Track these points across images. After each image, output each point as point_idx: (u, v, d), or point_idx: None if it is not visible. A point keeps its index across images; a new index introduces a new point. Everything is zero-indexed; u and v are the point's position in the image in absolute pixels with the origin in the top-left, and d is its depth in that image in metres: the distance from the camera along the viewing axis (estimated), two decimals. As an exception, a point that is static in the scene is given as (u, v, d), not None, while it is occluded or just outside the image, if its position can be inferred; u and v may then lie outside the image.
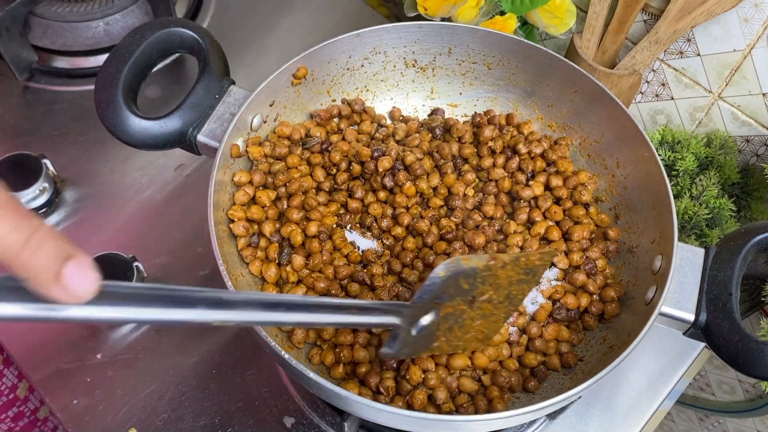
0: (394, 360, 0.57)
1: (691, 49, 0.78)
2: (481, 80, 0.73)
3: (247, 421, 0.69)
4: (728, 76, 0.77)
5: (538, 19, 0.82)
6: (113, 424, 0.68)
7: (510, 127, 0.70)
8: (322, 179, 0.65)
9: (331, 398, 0.53)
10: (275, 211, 0.63)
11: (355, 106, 0.71)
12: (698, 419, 1.07)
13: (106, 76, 0.61)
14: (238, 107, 0.62)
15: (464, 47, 0.71)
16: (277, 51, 1.00)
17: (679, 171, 0.77)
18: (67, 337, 0.73)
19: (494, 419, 0.50)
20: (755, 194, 0.80)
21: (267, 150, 0.64)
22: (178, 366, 0.72)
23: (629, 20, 0.78)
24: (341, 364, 0.58)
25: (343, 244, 0.63)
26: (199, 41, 0.64)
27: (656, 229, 0.61)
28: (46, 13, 0.92)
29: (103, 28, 0.93)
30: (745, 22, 0.72)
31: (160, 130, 0.61)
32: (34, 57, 0.93)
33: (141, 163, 0.87)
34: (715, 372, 1.00)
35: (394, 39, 0.70)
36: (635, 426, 0.72)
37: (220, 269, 0.55)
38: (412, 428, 0.53)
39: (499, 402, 0.57)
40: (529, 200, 0.66)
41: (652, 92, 0.85)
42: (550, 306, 0.62)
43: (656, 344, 0.76)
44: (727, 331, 0.52)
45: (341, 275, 0.61)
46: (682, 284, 0.55)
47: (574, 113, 0.70)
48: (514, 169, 0.67)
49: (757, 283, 0.81)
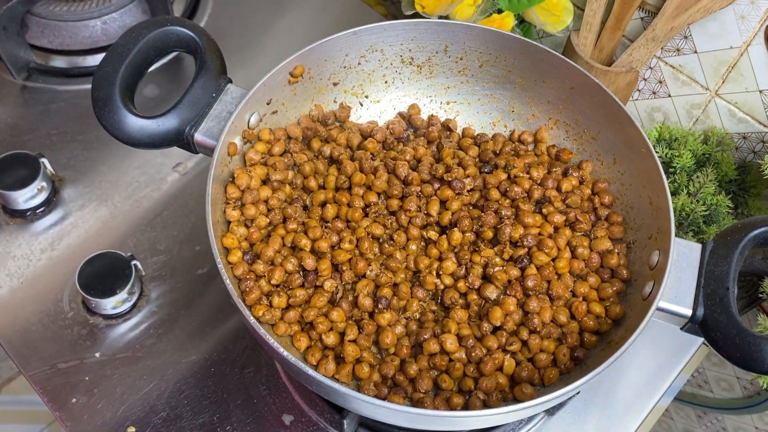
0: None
1: (688, 47, 0.79)
2: (477, 78, 0.73)
3: (245, 419, 0.69)
4: (725, 73, 0.77)
5: (535, 16, 0.82)
6: (112, 423, 0.68)
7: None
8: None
9: (330, 395, 0.54)
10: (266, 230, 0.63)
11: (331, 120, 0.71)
12: (696, 416, 1.07)
13: (103, 75, 0.61)
14: (235, 105, 0.62)
15: (461, 45, 0.71)
16: (274, 49, 1.00)
17: (676, 168, 0.77)
18: (66, 336, 0.73)
19: (492, 415, 0.51)
20: (752, 191, 0.80)
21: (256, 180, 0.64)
22: (176, 364, 0.72)
23: (626, 17, 0.78)
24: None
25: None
26: (196, 40, 0.64)
27: (653, 225, 0.61)
28: (44, 12, 0.92)
29: (101, 27, 0.93)
30: (741, 19, 0.73)
31: (157, 128, 0.61)
32: (31, 56, 0.93)
33: (139, 161, 0.87)
34: (713, 369, 1.00)
35: (391, 37, 0.70)
36: (633, 422, 0.72)
37: (219, 268, 0.55)
38: (410, 425, 0.53)
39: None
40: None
41: (649, 89, 0.85)
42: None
43: (654, 341, 0.76)
44: (724, 325, 0.52)
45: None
46: (679, 279, 0.55)
47: (571, 110, 0.70)
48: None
49: (754, 280, 0.81)
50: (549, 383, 0.58)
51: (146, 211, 0.83)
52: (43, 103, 0.91)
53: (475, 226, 0.64)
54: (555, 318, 0.60)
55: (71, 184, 0.84)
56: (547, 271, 0.61)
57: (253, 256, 0.61)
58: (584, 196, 0.66)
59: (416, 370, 0.58)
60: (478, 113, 0.75)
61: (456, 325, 0.59)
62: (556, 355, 0.59)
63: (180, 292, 0.77)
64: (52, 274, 0.78)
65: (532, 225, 0.63)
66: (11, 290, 0.76)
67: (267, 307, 0.59)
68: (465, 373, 0.58)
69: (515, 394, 0.58)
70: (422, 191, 0.65)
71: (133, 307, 0.75)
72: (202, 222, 0.56)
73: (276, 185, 0.65)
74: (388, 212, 0.65)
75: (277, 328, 0.59)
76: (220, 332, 0.75)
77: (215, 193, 0.60)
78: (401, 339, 0.60)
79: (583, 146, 0.70)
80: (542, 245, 0.62)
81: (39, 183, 0.80)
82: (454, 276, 0.62)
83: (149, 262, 0.78)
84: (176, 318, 0.75)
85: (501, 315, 0.59)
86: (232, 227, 0.61)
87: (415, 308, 0.61)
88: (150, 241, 0.80)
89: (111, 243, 0.80)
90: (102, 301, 0.73)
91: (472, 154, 0.70)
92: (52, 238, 0.80)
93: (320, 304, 0.60)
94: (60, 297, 0.76)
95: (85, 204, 0.83)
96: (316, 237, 0.61)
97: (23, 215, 0.81)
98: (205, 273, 0.78)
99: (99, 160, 0.87)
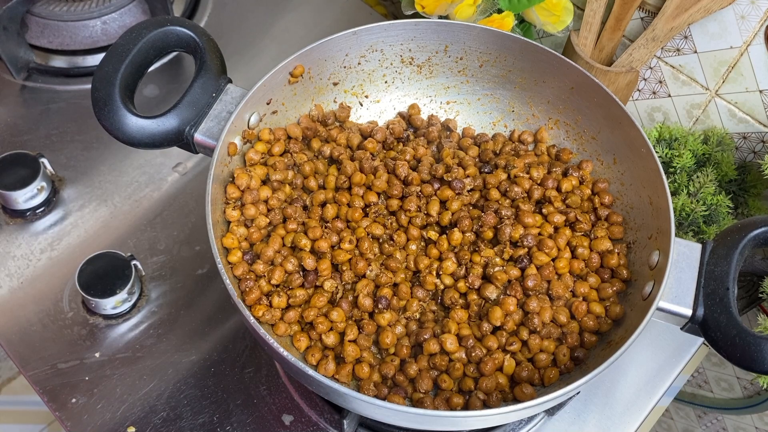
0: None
1: (688, 47, 0.79)
2: (477, 77, 0.73)
3: (245, 419, 0.69)
4: (725, 73, 0.77)
5: (535, 16, 0.82)
6: (112, 423, 0.68)
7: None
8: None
9: (330, 395, 0.54)
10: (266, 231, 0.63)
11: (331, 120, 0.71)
12: (696, 416, 1.07)
13: (103, 75, 0.61)
14: (235, 105, 0.62)
15: (461, 45, 0.71)
16: (274, 49, 1.00)
17: (676, 168, 0.77)
18: (66, 336, 0.73)
19: (492, 415, 0.51)
20: (752, 191, 0.80)
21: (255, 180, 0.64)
22: (176, 364, 0.72)
23: (626, 17, 0.78)
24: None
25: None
26: (196, 40, 0.64)
27: (653, 225, 0.61)
28: (44, 12, 0.92)
29: (101, 27, 0.93)
30: (741, 19, 0.73)
31: (157, 128, 0.61)
32: (31, 56, 0.93)
33: (139, 161, 0.87)
34: (713, 369, 1.00)
35: (391, 37, 0.70)
36: (633, 422, 0.72)
37: (219, 268, 0.55)
38: (410, 424, 0.53)
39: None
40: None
41: (649, 89, 0.85)
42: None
43: (654, 341, 0.76)
44: (724, 325, 0.52)
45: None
46: (679, 279, 0.55)
47: (571, 110, 0.70)
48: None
49: (754, 280, 0.81)
50: (549, 383, 0.58)
51: (146, 211, 0.83)
52: (43, 103, 0.91)
53: (475, 226, 0.64)
54: (555, 318, 0.60)
55: (71, 184, 0.84)
56: (547, 271, 0.61)
57: (253, 256, 0.61)
58: (584, 196, 0.66)
59: (416, 370, 0.58)
60: (478, 113, 0.75)
61: (456, 325, 0.59)
62: (556, 355, 0.59)
63: (180, 292, 0.77)
64: (52, 274, 0.78)
65: (532, 225, 0.63)
66: (11, 290, 0.76)
67: (267, 307, 0.59)
68: (465, 373, 0.58)
69: (515, 394, 0.57)
70: (422, 191, 0.65)
71: (133, 307, 0.75)
72: (202, 222, 0.56)
73: (276, 185, 0.65)
74: (388, 212, 0.65)
75: (277, 328, 0.59)
76: (220, 332, 0.75)
77: (215, 193, 0.60)
78: (401, 339, 0.60)
79: (583, 146, 0.70)
80: (542, 245, 0.62)
81: (39, 183, 0.80)
82: (454, 276, 0.62)
83: (149, 262, 0.79)
84: (176, 318, 0.75)
85: (501, 315, 0.59)
86: (232, 227, 0.61)
87: (415, 308, 0.61)
88: (150, 241, 0.80)
89: (111, 243, 0.80)
90: (102, 301, 0.73)
91: (472, 154, 0.70)
92: (52, 238, 0.80)
93: (320, 304, 0.60)
94: (60, 297, 0.76)
95: (85, 204, 0.83)
96: (316, 237, 0.61)
97: (23, 215, 0.81)
98: (205, 273, 0.78)
99: (99, 160, 0.87)
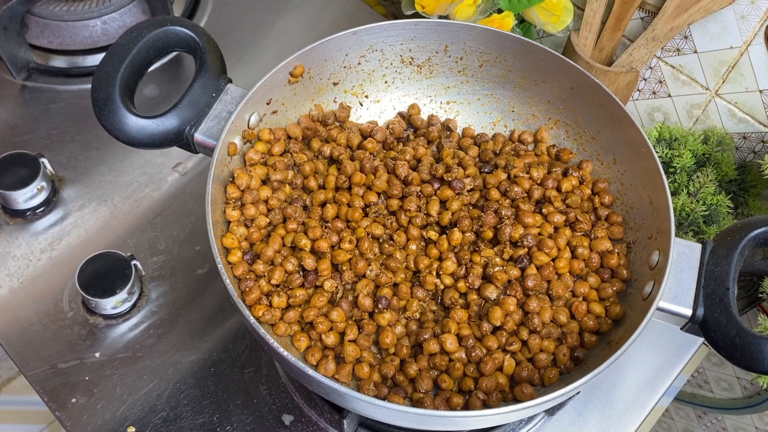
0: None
1: (688, 47, 0.79)
2: (477, 78, 0.73)
3: (245, 418, 0.69)
4: (725, 73, 0.77)
5: (535, 16, 0.82)
6: (112, 423, 0.68)
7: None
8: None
9: (330, 395, 0.54)
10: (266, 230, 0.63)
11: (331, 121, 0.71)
12: (696, 416, 1.07)
13: (103, 75, 0.61)
14: (235, 105, 0.62)
15: (461, 44, 0.71)
16: (274, 49, 1.00)
17: (676, 168, 0.77)
18: (66, 336, 0.73)
19: (492, 415, 0.51)
20: (752, 191, 0.80)
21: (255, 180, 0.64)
22: (176, 364, 0.72)
23: (626, 17, 0.78)
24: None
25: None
26: (196, 40, 0.64)
27: (653, 225, 0.61)
28: (44, 12, 0.92)
29: (101, 27, 0.93)
30: (741, 19, 0.73)
31: (157, 128, 0.61)
32: (31, 56, 0.93)
33: (139, 161, 0.87)
34: (713, 369, 1.00)
35: (391, 37, 0.70)
36: (633, 422, 0.72)
37: (219, 268, 0.55)
38: (410, 424, 0.53)
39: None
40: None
41: (649, 89, 0.85)
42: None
43: (654, 341, 0.76)
44: (724, 325, 0.52)
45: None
46: (679, 279, 0.55)
47: (571, 110, 0.70)
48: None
49: (754, 280, 0.81)
50: (549, 383, 0.58)
51: (146, 211, 0.83)
52: (43, 103, 0.91)
53: (475, 226, 0.64)
54: (555, 318, 0.60)
55: (71, 184, 0.84)
56: (547, 271, 0.61)
57: (253, 256, 0.61)
58: (584, 196, 0.66)
59: (416, 370, 0.58)
60: (478, 113, 0.75)
61: (456, 325, 0.59)
62: (556, 355, 0.59)
63: (180, 292, 0.77)
64: (52, 274, 0.78)
65: (532, 225, 0.63)
66: (11, 290, 0.76)
67: (267, 307, 0.59)
68: (465, 373, 0.58)
69: (515, 394, 0.57)
70: (422, 191, 0.65)
71: (132, 307, 0.75)
72: (202, 222, 0.56)
73: (276, 185, 0.65)
74: (388, 212, 0.65)
75: (277, 328, 0.59)
76: (220, 332, 0.75)
77: (215, 193, 0.60)
78: (401, 339, 0.60)
79: (583, 146, 0.70)
80: (542, 245, 0.62)
81: (39, 183, 0.80)
82: (454, 276, 0.62)
83: (149, 262, 0.79)
84: (176, 318, 0.75)
85: (501, 315, 0.59)
86: (232, 227, 0.61)
87: (415, 308, 0.61)
88: (150, 241, 0.80)
89: (111, 243, 0.80)
90: (102, 301, 0.73)
91: (472, 154, 0.70)
92: (52, 238, 0.80)
93: (320, 304, 0.60)
94: (60, 297, 0.76)
95: (85, 204, 0.83)
96: (316, 237, 0.61)
97: (23, 215, 0.81)
98: (205, 273, 0.78)
99: (99, 160, 0.87)
